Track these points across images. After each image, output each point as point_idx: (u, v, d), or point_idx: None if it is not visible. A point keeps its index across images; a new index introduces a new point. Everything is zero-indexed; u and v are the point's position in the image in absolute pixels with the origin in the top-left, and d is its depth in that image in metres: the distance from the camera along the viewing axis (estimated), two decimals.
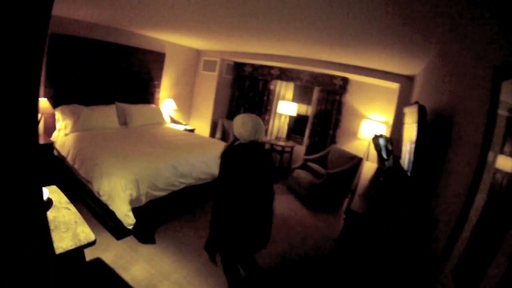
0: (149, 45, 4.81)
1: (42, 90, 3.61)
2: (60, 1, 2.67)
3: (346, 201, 4.13)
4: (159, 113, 4.85)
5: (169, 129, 4.51)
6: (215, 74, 5.54)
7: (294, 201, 4.08)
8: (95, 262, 2.37)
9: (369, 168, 3.44)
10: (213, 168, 3.42)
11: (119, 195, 2.57)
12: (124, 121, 4.33)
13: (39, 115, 3.37)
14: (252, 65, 5.50)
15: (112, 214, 2.62)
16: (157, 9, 2.67)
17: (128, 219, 2.57)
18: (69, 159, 3.24)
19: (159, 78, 5.16)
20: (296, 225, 3.42)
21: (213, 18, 2.71)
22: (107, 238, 2.71)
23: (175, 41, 5.08)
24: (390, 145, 2.62)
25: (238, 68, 5.76)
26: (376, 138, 2.74)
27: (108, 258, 2.46)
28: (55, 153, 3.46)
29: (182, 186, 3.14)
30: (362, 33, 2.27)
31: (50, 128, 3.74)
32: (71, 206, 1.64)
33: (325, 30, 2.42)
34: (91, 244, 1.37)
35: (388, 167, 2.50)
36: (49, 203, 1.62)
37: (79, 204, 3.08)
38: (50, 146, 3.34)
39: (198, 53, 5.82)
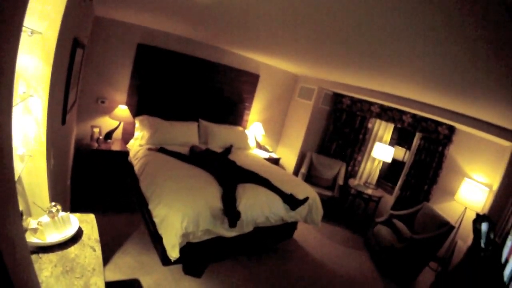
0: (242, 65, 6.07)
1: (126, 97, 5.03)
2: (152, 13, 3.66)
3: (426, 272, 4.59)
4: (245, 137, 6.04)
5: (252, 157, 5.45)
6: (310, 103, 6.63)
7: (367, 261, 4.73)
8: (132, 282, 3.04)
9: (459, 247, 3.88)
10: (293, 214, 4.04)
11: (173, 225, 3.07)
12: (205, 140, 5.52)
13: (118, 122, 4.83)
14: (351, 98, 6.43)
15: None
16: (253, 32, 3.31)
17: (172, 251, 3.05)
18: (136, 168, 4.22)
19: (250, 100, 6.49)
20: None
21: (313, 47, 3.24)
22: (153, 260, 3.45)
23: (271, 63, 6.27)
24: (492, 234, 2.74)
25: (336, 99, 6.76)
26: (477, 221, 2.90)
27: (147, 282, 3.10)
28: (129, 160, 4.66)
29: (250, 229, 3.67)
30: (480, 83, 2.40)
31: (128, 134, 5.16)
32: (98, 247, 1.79)
33: (437, 76, 2.68)
34: None
35: (485, 256, 2.62)
36: (77, 236, 1.82)
37: (138, 215, 4.30)
38: (125, 153, 4.72)
39: (295, 78, 7.03)
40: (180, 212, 3.12)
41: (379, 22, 1.84)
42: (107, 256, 3.37)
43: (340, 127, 6.73)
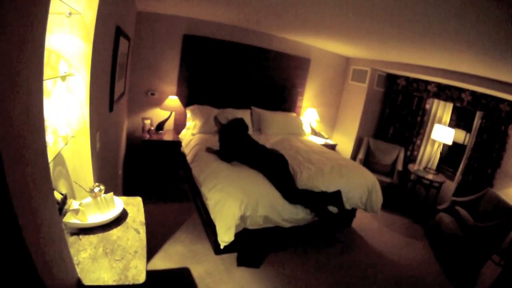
0: (292, 50, 5.94)
1: (175, 89, 5.08)
2: (194, 2, 3.66)
3: (489, 265, 4.24)
4: (299, 123, 5.93)
5: (308, 143, 5.32)
6: (364, 85, 6.38)
7: (428, 252, 4.44)
8: (181, 271, 3.03)
9: None
10: (352, 200, 3.93)
11: (229, 207, 3.04)
12: (258, 128, 5.50)
13: (169, 112, 4.89)
14: (407, 79, 6.10)
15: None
16: (302, 13, 3.27)
17: (226, 235, 2.99)
18: (188, 157, 4.26)
19: (302, 85, 6.33)
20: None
21: (363, 24, 3.16)
22: (206, 249, 3.42)
23: (321, 46, 6.09)
24: None
25: (390, 80, 6.45)
26: None
27: (197, 271, 3.06)
28: (182, 149, 4.71)
29: (310, 220, 3.60)
30: None
31: (180, 125, 5.21)
32: (143, 229, 1.75)
33: (497, 44, 2.50)
34: (137, 286, 1.38)
35: None
36: (121, 217, 1.79)
37: (191, 205, 4.31)
38: (177, 143, 4.75)
39: (347, 60, 6.79)
40: (239, 195, 3.10)
41: None
42: (157, 244, 3.38)
43: (397, 110, 6.42)
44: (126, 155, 4.76)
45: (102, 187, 1.77)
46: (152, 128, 4.79)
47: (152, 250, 3.23)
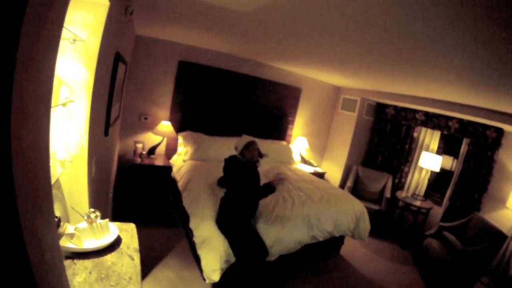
0: (284, 79, 6.08)
1: (168, 114, 5.11)
2: (190, 29, 3.72)
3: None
4: (289, 152, 5.99)
5: (298, 171, 5.36)
6: (354, 114, 6.51)
7: (417, 277, 4.46)
8: None
9: None
10: (340, 228, 3.92)
11: (215, 248, 2.97)
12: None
13: (161, 137, 4.88)
14: (395, 107, 6.25)
15: None
16: (293, 45, 3.40)
17: (212, 275, 2.92)
18: (179, 184, 4.23)
19: (293, 114, 6.45)
20: None
21: (354, 57, 3.29)
22: (195, 275, 3.39)
23: (312, 76, 6.24)
24: None
25: (379, 109, 6.60)
26: None
27: None
28: (172, 175, 4.70)
29: (298, 247, 3.52)
30: None
31: (171, 150, 5.24)
32: (137, 256, 1.75)
33: (482, 74, 2.63)
34: None
35: None
36: (115, 244, 1.79)
37: (181, 230, 4.25)
38: (168, 168, 4.72)
39: (337, 90, 6.94)
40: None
41: (422, 25, 1.84)
42: (146, 269, 3.34)
43: (385, 138, 6.55)
44: (117, 178, 4.74)
45: (98, 213, 1.78)
46: (144, 152, 4.78)
47: (141, 274, 3.18)
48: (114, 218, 3.75)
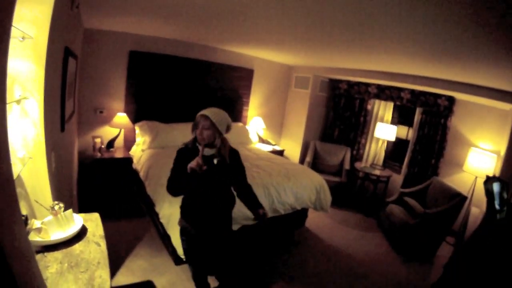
0: (235, 61, 6.13)
1: (123, 105, 5.09)
2: (139, 18, 3.71)
3: (444, 247, 4.59)
4: (246, 132, 6.11)
5: (256, 150, 5.50)
6: (307, 91, 6.67)
7: (383, 242, 4.72)
8: (145, 284, 3.07)
9: (474, 215, 3.91)
10: (302, 200, 4.09)
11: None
12: None
13: (118, 130, 4.90)
14: (348, 82, 6.45)
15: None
16: (243, 25, 3.37)
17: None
18: (141, 174, 4.29)
19: (247, 95, 6.53)
20: (382, 274, 3.85)
21: (304, 33, 3.27)
22: (166, 261, 3.46)
23: (264, 56, 6.32)
24: (505, 193, 2.72)
25: (333, 85, 6.79)
26: (488, 182, 2.85)
27: (161, 283, 3.12)
28: (133, 166, 4.74)
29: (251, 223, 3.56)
30: (473, 47, 2.45)
31: (130, 141, 5.23)
32: (103, 242, 1.83)
33: (429, 45, 2.72)
34: None
35: (500, 218, 2.62)
36: (81, 233, 1.86)
37: (148, 220, 4.31)
38: (128, 160, 4.78)
39: (289, 69, 7.06)
40: None
41: None
42: (119, 261, 3.38)
43: (340, 112, 6.76)
44: (79, 174, 4.69)
45: (61, 204, 1.81)
46: (103, 146, 4.76)
47: (114, 267, 3.22)
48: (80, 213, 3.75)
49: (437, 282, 3.33)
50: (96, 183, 4.59)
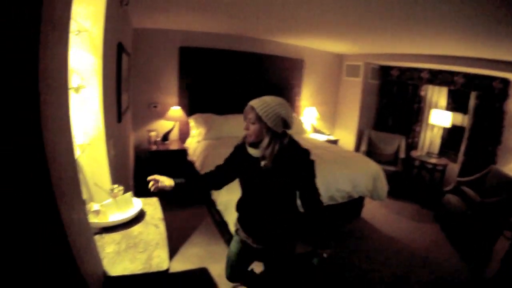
0: (285, 52, 6.05)
1: (177, 99, 5.20)
2: (187, 16, 3.81)
3: (502, 241, 4.15)
4: (299, 123, 6.03)
5: (310, 140, 5.42)
6: (359, 79, 6.48)
7: (438, 233, 4.46)
8: (200, 271, 3.08)
9: None
10: (359, 188, 4.00)
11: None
12: None
13: (173, 123, 5.02)
14: (399, 68, 6.19)
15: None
16: (294, 15, 3.36)
17: None
18: (197, 164, 4.35)
19: (299, 85, 6.45)
20: (438, 267, 3.62)
21: (356, 18, 3.22)
22: (222, 249, 3.43)
23: (314, 46, 6.22)
24: None
25: (384, 72, 6.54)
26: None
27: (216, 270, 3.09)
28: (188, 158, 4.80)
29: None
30: None
31: (184, 134, 5.32)
32: (162, 224, 1.86)
33: (481, 25, 2.62)
34: (161, 273, 1.46)
35: None
36: (139, 216, 1.91)
37: (203, 209, 4.37)
38: (183, 151, 4.85)
39: (339, 58, 6.89)
40: None
41: None
42: (174, 248, 3.44)
43: (393, 100, 6.50)
44: (135, 167, 4.86)
45: (121, 187, 1.87)
46: (158, 139, 4.90)
47: (169, 254, 3.27)
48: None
49: (493, 277, 3.16)
50: (152, 174, 4.68)
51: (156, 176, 1.94)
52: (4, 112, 0.76)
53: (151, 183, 1.93)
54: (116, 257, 1.51)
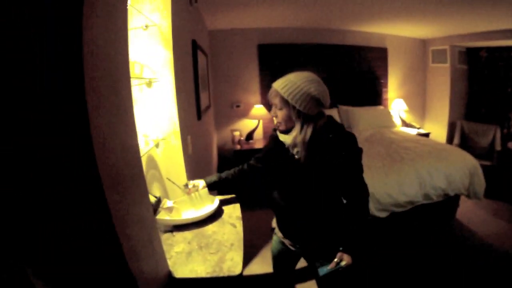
0: (366, 42, 5.65)
1: (259, 97, 5.09)
2: (263, 11, 3.74)
3: None
4: (388, 116, 5.60)
5: (401, 133, 4.96)
6: (447, 65, 5.85)
7: None
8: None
9: None
10: (454, 185, 3.50)
11: None
12: (348, 125, 5.25)
13: (257, 121, 4.90)
14: (488, 49, 5.52)
15: None
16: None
17: None
18: None
19: (384, 76, 5.98)
20: None
21: None
22: None
23: (396, 33, 5.74)
24: None
25: (471, 55, 5.87)
26: None
27: None
28: None
29: (408, 207, 3.24)
30: None
31: (269, 132, 5.28)
32: (239, 224, 1.66)
33: None
34: (233, 278, 1.27)
35: None
36: (216, 214, 1.72)
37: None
38: None
39: (423, 43, 6.30)
40: None
41: None
42: (254, 250, 3.33)
43: (484, 85, 5.79)
44: (219, 166, 4.85)
45: (196, 183, 1.75)
46: (242, 138, 4.85)
47: (248, 256, 3.18)
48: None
49: None
50: None
51: (189, 182, 1.76)
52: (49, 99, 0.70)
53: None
54: (185, 257, 1.37)
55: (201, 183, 1.78)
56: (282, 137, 1.54)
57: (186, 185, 1.72)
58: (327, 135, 1.45)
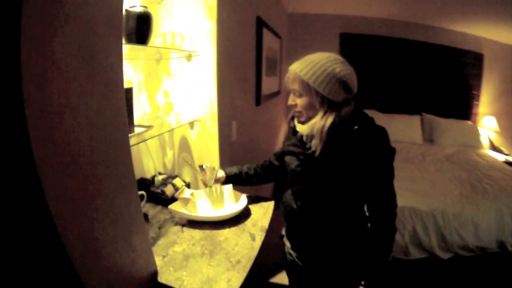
0: (459, 43, 4.85)
1: None
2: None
3: None
4: (476, 134, 4.78)
5: (488, 158, 4.16)
6: None
7: None
8: None
9: None
10: None
11: None
12: (430, 138, 4.64)
13: None
14: None
15: None
16: None
17: None
18: None
19: (477, 87, 5.09)
20: None
21: None
22: None
23: (495, 38, 4.84)
24: None
25: None
26: None
27: None
28: None
29: (477, 252, 2.60)
30: None
31: None
32: (260, 237, 1.38)
33: None
34: None
35: None
36: (238, 217, 1.45)
37: None
38: None
39: None
40: None
41: None
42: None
43: None
44: None
45: (216, 167, 1.48)
46: None
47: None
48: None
49: None
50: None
51: (206, 164, 1.47)
52: None
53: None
54: (180, 260, 1.14)
55: (220, 172, 1.50)
56: (299, 127, 1.24)
57: (202, 167, 1.45)
58: (352, 127, 1.15)
